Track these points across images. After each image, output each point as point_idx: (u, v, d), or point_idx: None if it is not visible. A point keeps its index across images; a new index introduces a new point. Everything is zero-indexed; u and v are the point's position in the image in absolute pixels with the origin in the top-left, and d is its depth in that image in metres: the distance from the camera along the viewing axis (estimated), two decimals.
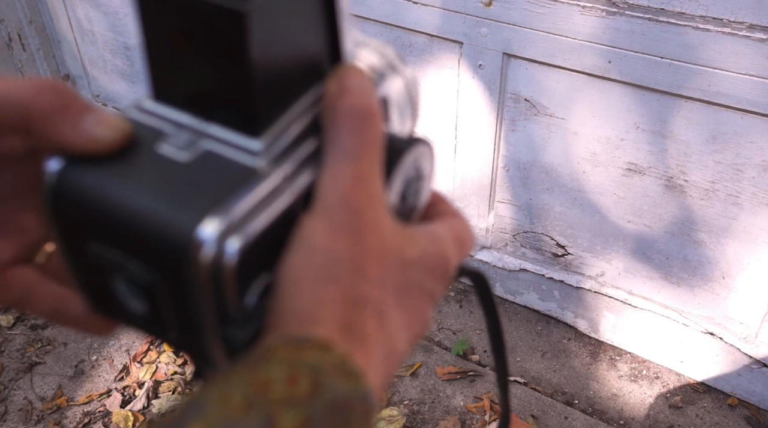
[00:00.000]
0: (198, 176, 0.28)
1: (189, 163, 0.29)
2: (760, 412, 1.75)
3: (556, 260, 1.89)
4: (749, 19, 1.29)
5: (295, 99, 0.31)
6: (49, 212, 0.30)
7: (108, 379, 1.89)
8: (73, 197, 0.29)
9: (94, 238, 0.29)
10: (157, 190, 0.28)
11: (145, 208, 0.28)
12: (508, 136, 1.74)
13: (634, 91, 1.50)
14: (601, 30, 1.45)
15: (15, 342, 1.99)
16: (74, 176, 0.29)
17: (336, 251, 0.29)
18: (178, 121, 0.30)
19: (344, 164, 0.30)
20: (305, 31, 0.31)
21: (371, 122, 0.31)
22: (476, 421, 1.73)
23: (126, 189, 0.28)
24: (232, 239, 0.27)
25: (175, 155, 0.29)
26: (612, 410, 1.79)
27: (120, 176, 0.29)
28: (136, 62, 2.38)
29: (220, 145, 0.29)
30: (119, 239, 0.28)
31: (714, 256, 1.62)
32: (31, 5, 2.45)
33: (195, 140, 0.30)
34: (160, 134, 0.30)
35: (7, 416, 1.80)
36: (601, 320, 1.91)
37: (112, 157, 0.29)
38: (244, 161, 0.29)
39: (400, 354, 0.31)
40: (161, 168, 0.29)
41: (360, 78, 0.32)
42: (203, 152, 0.29)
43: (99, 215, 0.28)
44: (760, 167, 1.45)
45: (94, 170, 0.29)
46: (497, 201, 1.88)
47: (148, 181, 0.28)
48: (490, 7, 1.56)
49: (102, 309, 0.33)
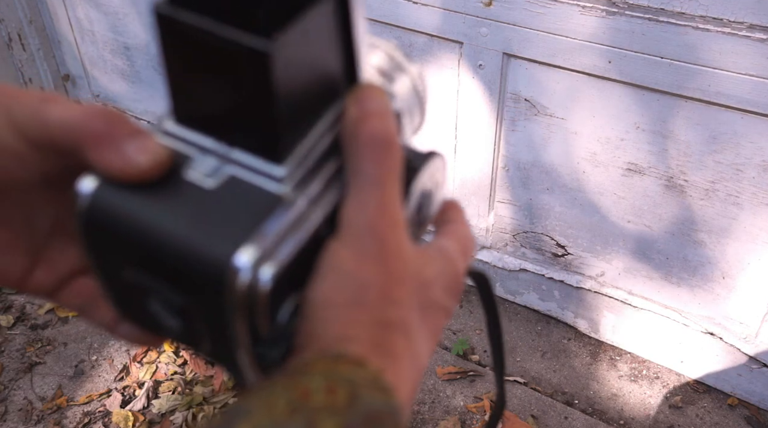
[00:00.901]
0: (226, 203, 0.29)
1: (216, 190, 0.30)
2: (760, 412, 1.75)
3: (556, 260, 1.89)
4: (749, 19, 1.29)
5: (315, 121, 0.32)
6: (81, 233, 0.31)
7: (108, 379, 1.89)
8: (105, 221, 0.30)
9: (128, 262, 0.30)
10: (188, 217, 0.29)
11: (179, 236, 0.29)
12: (508, 136, 1.74)
13: (634, 91, 1.50)
14: (601, 30, 1.45)
15: (15, 342, 1.99)
16: (106, 198, 0.30)
17: (364, 277, 0.30)
18: (202, 145, 0.31)
19: (368, 192, 0.31)
20: (324, 56, 0.32)
21: (392, 149, 0.32)
22: (476, 421, 1.73)
23: (158, 216, 0.29)
24: (266, 266, 0.28)
25: (203, 181, 0.30)
26: (612, 410, 1.79)
27: (151, 202, 0.30)
28: (136, 62, 2.38)
29: (244, 171, 0.30)
30: (153, 265, 0.30)
31: (714, 256, 1.62)
32: (31, 5, 2.45)
33: (220, 166, 0.31)
34: (186, 159, 0.31)
35: (7, 416, 1.80)
36: (601, 320, 1.91)
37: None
38: (270, 188, 0.30)
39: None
40: (190, 195, 0.30)
41: (378, 100, 0.32)
42: (228, 178, 0.30)
43: (132, 240, 0.30)
44: (760, 167, 1.45)
45: (125, 194, 0.30)
46: (497, 201, 1.88)
47: (179, 208, 0.30)
48: (490, 7, 1.56)
49: (136, 323, 0.34)
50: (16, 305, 2.10)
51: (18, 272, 0.35)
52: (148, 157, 0.30)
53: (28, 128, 0.31)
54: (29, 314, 2.08)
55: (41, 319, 2.06)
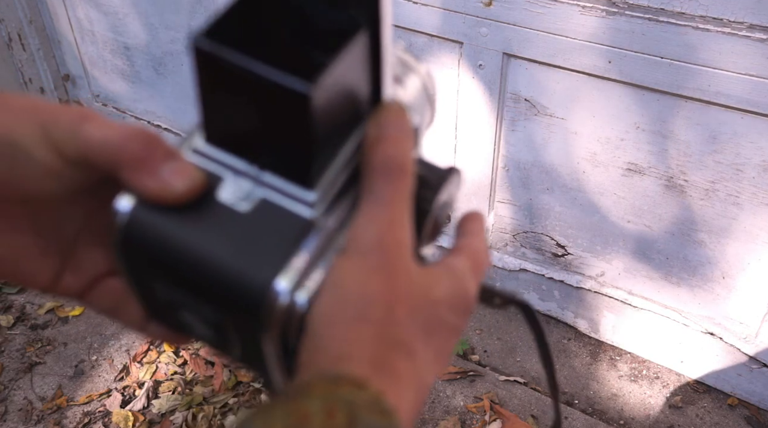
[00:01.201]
0: (261, 227, 0.31)
1: (250, 213, 0.31)
2: (760, 412, 1.75)
3: (556, 260, 1.89)
4: (749, 19, 1.29)
5: (342, 144, 0.33)
6: (117, 250, 0.32)
7: (108, 379, 1.89)
8: (142, 240, 0.31)
9: (163, 279, 0.32)
10: (226, 242, 0.30)
11: (218, 260, 0.30)
12: (508, 136, 1.74)
13: (634, 91, 1.50)
14: (601, 30, 1.45)
15: (15, 342, 1.99)
16: (143, 218, 0.31)
17: (369, 293, 0.30)
18: (234, 166, 0.32)
19: (377, 211, 0.31)
20: (356, 84, 0.33)
21: (404, 173, 0.32)
22: (476, 421, 1.73)
23: (195, 239, 0.31)
24: (301, 291, 0.30)
25: (236, 204, 0.31)
26: (612, 410, 1.79)
27: (188, 224, 0.31)
28: (136, 62, 2.38)
29: (276, 194, 0.31)
30: (189, 284, 0.31)
31: (714, 256, 1.62)
32: (31, 5, 2.45)
33: (251, 188, 0.31)
34: (218, 180, 0.32)
35: (7, 416, 1.80)
36: (601, 320, 1.91)
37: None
38: (301, 213, 0.31)
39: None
40: (225, 218, 0.31)
41: (397, 122, 0.33)
42: (260, 201, 0.31)
43: (169, 260, 0.31)
44: (760, 167, 1.45)
45: (162, 214, 0.31)
46: (497, 201, 1.88)
47: (215, 232, 0.31)
48: (490, 7, 1.56)
49: (166, 325, 0.36)
50: (16, 305, 2.10)
51: (48, 277, 0.35)
52: (185, 181, 0.31)
53: (66, 146, 0.31)
54: (29, 314, 2.08)
55: (41, 319, 2.06)
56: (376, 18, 0.31)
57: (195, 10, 2.11)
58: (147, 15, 2.23)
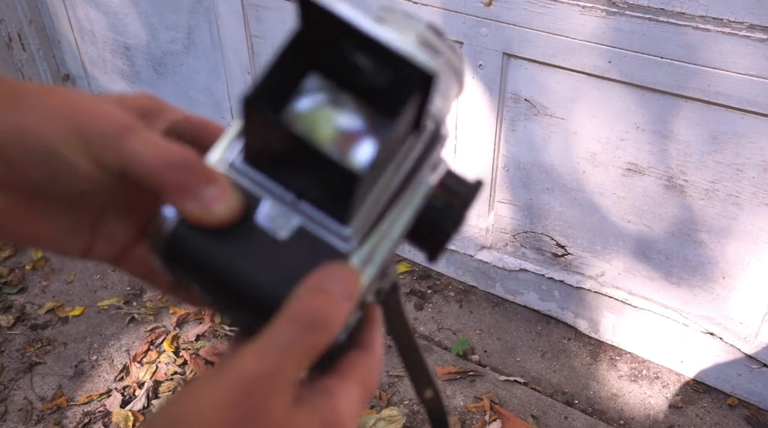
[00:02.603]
0: (296, 255, 0.32)
1: (287, 241, 0.32)
2: (760, 412, 1.75)
3: (556, 260, 1.89)
4: (749, 19, 1.29)
5: (378, 181, 0.34)
6: (160, 254, 0.33)
7: (108, 379, 1.89)
8: (184, 252, 0.32)
9: (200, 286, 0.33)
10: (265, 267, 0.31)
11: (256, 285, 0.31)
12: (508, 136, 1.74)
13: (634, 91, 1.50)
14: (601, 30, 1.45)
15: (15, 342, 1.99)
16: (187, 231, 0.32)
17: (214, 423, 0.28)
18: (272, 190, 0.33)
19: (269, 350, 0.29)
20: (399, 142, 0.34)
21: (322, 334, 0.30)
22: (476, 421, 1.73)
23: (236, 262, 0.32)
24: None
25: (274, 229, 0.32)
26: (612, 410, 1.79)
27: (228, 245, 0.32)
28: (136, 62, 2.38)
29: (313, 224, 0.32)
30: (225, 298, 0.33)
31: (714, 256, 1.62)
32: (31, 5, 2.45)
33: (289, 215, 0.32)
34: (255, 201, 0.32)
35: (7, 416, 1.80)
36: (601, 320, 1.91)
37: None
38: (336, 245, 0.32)
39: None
40: (264, 243, 0.32)
41: (344, 283, 0.31)
42: (298, 229, 0.32)
43: (208, 275, 0.32)
44: (760, 167, 1.45)
45: (204, 232, 0.32)
46: (497, 201, 1.88)
47: (255, 256, 0.32)
48: (490, 7, 1.56)
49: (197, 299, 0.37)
50: (16, 305, 2.10)
51: (81, 248, 0.36)
52: (226, 206, 0.31)
53: (105, 158, 0.31)
54: (29, 314, 2.08)
55: (41, 319, 2.06)
56: (427, 86, 0.31)
57: (195, 10, 2.11)
58: (147, 15, 2.23)
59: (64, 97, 0.31)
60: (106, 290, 2.15)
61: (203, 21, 2.11)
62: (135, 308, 2.08)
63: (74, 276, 2.20)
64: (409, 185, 0.34)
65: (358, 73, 0.32)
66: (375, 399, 1.78)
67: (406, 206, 0.34)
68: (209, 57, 2.19)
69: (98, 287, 2.16)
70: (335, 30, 0.31)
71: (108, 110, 0.31)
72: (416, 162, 0.34)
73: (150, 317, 2.05)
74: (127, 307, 2.09)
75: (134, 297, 2.12)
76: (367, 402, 0.35)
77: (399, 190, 0.34)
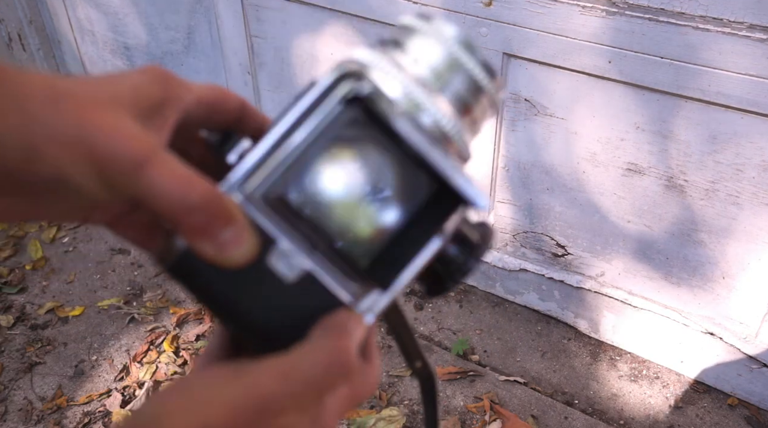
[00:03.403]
0: (301, 300, 0.33)
1: (293, 284, 0.32)
2: (760, 412, 1.75)
3: (556, 260, 1.89)
4: (749, 19, 1.29)
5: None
6: (164, 270, 0.33)
7: (108, 379, 1.89)
8: (189, 275, 0.32)
9: (200, 301, 0.34)
10: (266, 307, 0.32)
11: (254, 321, 0.32)
12: (508, 136, 1.74)
13: (634, 91, 1.50)
14: (601, 30, 1.45)
15: (15, 342, 1.99)
16: (194, 261, 0.31)
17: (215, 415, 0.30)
18: (288, 234, 0.33)
19: (295, 378, 0.31)
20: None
21: (341, 377, 0.32)
22: (476, 421, 1.73)
23: (239, 299, 0.32)
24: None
25: (283, 272, 0.32)
26: (612, 410, 1.79)
27: (234, 281, 0.32)
28: (136, 62, 2.38)
29: (322, 272, 0.33)
30: (221, 319, 0.33)
31: (714, 256, 1.62)
32: (31, 5, 2.45)
33: (299, 260, 0.33)
34: (271, 243, 0.32)
35: (7, 416, 1.80)
36: (601, 320, 1.91)
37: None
38: (341, 296, 0.33)
39: None
40: (270, 284, 0.32)
41: (357, 330, 0.33)
42: (306, 275, 0.33)
43: (210, 301, 0.33)
44: (760, 167, 1.45)
45: (211, 265, 0.32)
46: (497, 201, 1.88)
47: (258, 296, 0.32)
48: (490, 7, 1.56)
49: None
50: (16, 305, 2.10)
51: (79, 218, 0.35)
52: (242, 251, 0.31)
53: (118, 187, 0.29)
54: (29, 314, 2.08)
55: (41, 319, 2.06)
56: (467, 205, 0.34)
57: (195, 10, 2.11)
58: (147, 15, 2.23)
59: (77, 112, 0.28)
60: (106, 290, 2.15)
61: (203, 21, 2.11)
62: (135, 308, 2.08)
63: (74, 276, 2.20)
64: (426, 243, 0.34)
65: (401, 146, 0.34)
66: (375, 399, 1.78)
67: (417, 261, 0.34)
68: (209, 57, 2.19)
69: (98, 287, 2.16)
70: (390, 135, 0.33)
71: (124, 131, 0.29)
72: (436, 228, 0.35)
73: (150, 317, 2.05)
74: (127, 307, 2.09)
75: (134, 297, 2.12)
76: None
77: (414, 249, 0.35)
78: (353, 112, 0.33)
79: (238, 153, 0.33)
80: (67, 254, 2.28)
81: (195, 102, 0.35)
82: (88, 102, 0.29)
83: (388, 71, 0.33)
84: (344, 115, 0.33)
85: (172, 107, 0.33)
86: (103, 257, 2.26)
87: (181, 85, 0.34)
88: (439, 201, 0.35)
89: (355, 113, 0.33)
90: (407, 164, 0.34)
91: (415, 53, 0.34)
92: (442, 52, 0.34)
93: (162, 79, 0.33)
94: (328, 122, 0.33)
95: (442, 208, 0.35)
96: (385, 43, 0.35)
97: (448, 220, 0.34)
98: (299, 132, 0.32)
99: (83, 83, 0.30)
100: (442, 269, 0.36)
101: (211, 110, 0.36)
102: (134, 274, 2.20)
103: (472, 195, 0.33)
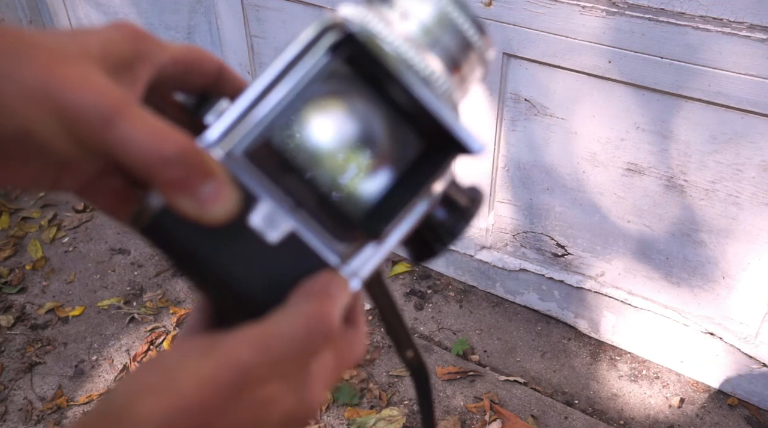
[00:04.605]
0: (283, 261, 0.31)
1: (276, 245, 0.30)
2: (760, 412, 1.75)
3: (556, 260, 1.89)
4: (749, 19, 1.29)
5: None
6: (138, 233, 0.31)
7: (108, 379, 1.89)
8: (166, 237, 0.30)
9: (176, 265, 0.32)
10: (247, 268, 0.30)
11: (234, 283, 0.30)
12: (508, 136, 1.74)
13: (634, 91, 1.50)
14: (601, 30, 1.45)
15: (15, 342, 1.99)
16: (171, 220, 0.30)
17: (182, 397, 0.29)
18: (270, 192, 0.31)
19: (273, 343, 0.29)
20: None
21: (323, 343, 0.30)
22: (476, 421, 1.73)
23: (217, 259, 0.30)
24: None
25: (265, 232, 0.30)
26: (612, 410, 1.79)
27: (213, 240, 0.30)
28: None
29: (307, 232, 0.31)
30: (199, 283, 0.31)
31: (714, 256, 1.62)
32: (31, 5, 2.45)
33: (283, 219, 0.31)
34: (252, 201, 0.30)
35: (7, 416, 1.80)
36: (601, 320, 1.91)
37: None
38: (327, 258, 0.31)
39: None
40: (251, 244, 0.30)
41: (340, 289, 0.31)
42: (289, 234, 0.31)
43: (186, 263, 0.31)
44: (760, 167, 1.45)
45: (190, 224, 0.29)
46: (497, 201, 1.88)
47: (239, 255, 0.30)
48: (490, 7, 1.56)
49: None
50: (16, 305, 2.10)
51: (48, 183, 0.33)
52: (222, 206, 0.29)
53: (88, 142, 0.27)
54: (29, 314, 2.08)
55: (41, 319, 2.06)
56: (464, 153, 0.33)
57: (195, 10, 2.11)
58: (147, 15, 2.23)
59: (43, 65, 0.26)
60: (106, 290, 2.15)
61: (203, 21, 2.11)
62: (135, 308, 2.08)
63: (74, 276, 2.20)
64: (415, 200, 0.33)
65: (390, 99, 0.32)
66: (375, 399, 1.78)
67: (406, 221, 0.33)
68: None
69: (98, 287, 2.16)
70: (379, 72, 0.31)
71: (94, 84, 0.27)
72: (428, 180, 0.33)
73: (150, 317, 2.05)
74: (127, 307, 2.09)
75: (134, 297, 2.12)
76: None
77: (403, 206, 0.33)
78: (338, 65, 0.31)
79: (217, 114, 0.31)
80: (67, 254, 2.28)
81: (170, 61, 0.33)
82: (56, 55, 0.27)
83: (375, 25, 0.31)
84: (330, 66, 0.31)
85: (144, 64, 0.31)
86: (103, 257, 2.26)
87: (155, 42, 0.32)
88: (428, 160, 0.33)
89: (341, 66, 0.31)
90: (396, 119, 0.33)
91: (404, 8, 0.33)
92: (432, 7, 0.33)
93: (134, 35, 0.31)
94: (314, 74, 0.31)
95: (432, 166, 0.33)
96: (371, 0, 0.34)
97: (440, 173, 0.33)
98: (283, 85, 0.30)
99: (51, 36, 0.28)
100: (430, 234, 0.34)
101: (188, 70, 0.34)
102: (134, 274, 2.20)
103: (465, 138, 0.31)
